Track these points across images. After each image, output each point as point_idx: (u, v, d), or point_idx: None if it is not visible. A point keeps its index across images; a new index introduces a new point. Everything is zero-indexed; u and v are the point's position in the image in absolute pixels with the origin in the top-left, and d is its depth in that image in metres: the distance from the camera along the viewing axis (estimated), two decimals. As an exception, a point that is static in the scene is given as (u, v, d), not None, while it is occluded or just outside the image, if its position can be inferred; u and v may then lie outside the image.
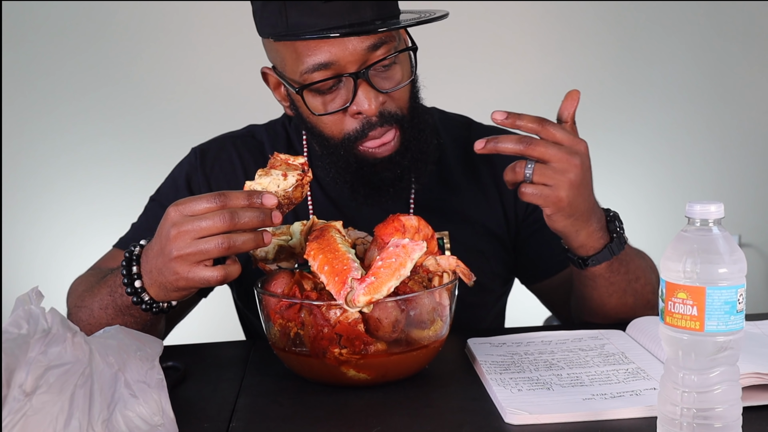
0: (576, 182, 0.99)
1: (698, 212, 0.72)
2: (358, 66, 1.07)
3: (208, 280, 0.92)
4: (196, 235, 0.90)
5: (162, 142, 2.51)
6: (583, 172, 1.00)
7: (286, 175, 0.92)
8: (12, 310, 0.74)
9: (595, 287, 1.13)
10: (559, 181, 0.99)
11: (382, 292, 0.86)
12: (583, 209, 1.03)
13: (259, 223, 0.90)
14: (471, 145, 1.30)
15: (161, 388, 0.79)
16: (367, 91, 1.08)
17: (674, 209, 2.62)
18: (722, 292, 0.70)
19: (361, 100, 1.08)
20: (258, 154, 1.29)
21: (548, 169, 0.99)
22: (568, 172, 0.99)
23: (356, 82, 1.08)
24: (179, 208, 0.91)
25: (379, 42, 1.08)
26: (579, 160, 0.99)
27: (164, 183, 1.32)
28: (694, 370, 0.72)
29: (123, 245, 1.26)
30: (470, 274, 0.98)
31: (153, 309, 0.99)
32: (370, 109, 1.08)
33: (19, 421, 0.68)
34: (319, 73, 1.07)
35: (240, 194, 0.90)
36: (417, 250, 0.90)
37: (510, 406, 0.85)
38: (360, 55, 1.07)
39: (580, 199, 1.01)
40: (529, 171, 1.00)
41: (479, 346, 1.06)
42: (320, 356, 0.91)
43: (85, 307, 1.07)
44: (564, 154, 0.99)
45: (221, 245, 0.89)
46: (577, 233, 1.06)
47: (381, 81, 1.10)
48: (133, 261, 0.98)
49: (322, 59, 1.06)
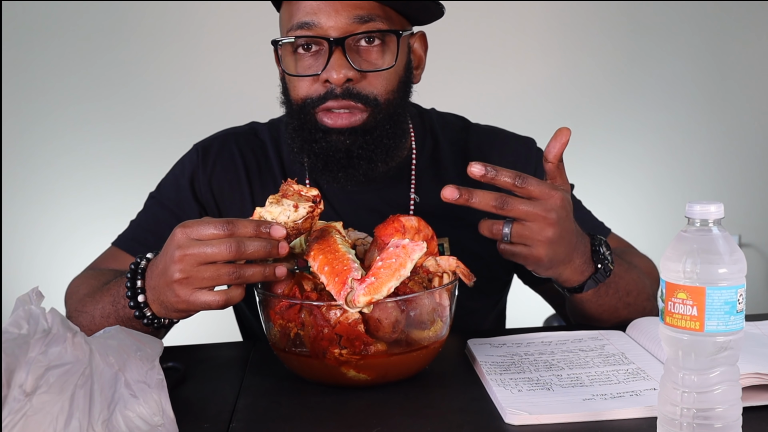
0: (554, 239, 0.98)
1: (698, 212, 0.72)
2: (339, 34, 1.09)
3: (209, 304, 0.92)
4: (200, 260, 0.89)
5: (162, 143, 2.51)
6: (560, 225, 0.98)
7: (297, 206, 0.91)
8: (12, 310, 0.74)
9: (585, 308, 1.13)
10: (537, 240, 0.98)
11: (382, 293, 0.86)
12: (563, 256, 1.02)
13: (265, 254, 0.89)
14: (469, 147, 1.30)
15: (161, 389, 0.79)
16: (340, 59, 1.08)
17: (674, 209, 2.63)
18: (722, 292, 0.70)
19: (331, 68, 1.09)
20: (260, 153, 1.28)
21: (525, 229, 0.98)
22: (545, 231, 0.98)
23: (332, 49, 1.08)
24: (186, 230, 0.90)
25: (367, 16, 1.09)
26: (555, 216, 0.97)
27: (165, 180, 1.30)
28: (694, 370, 0.72)
29: (121, 243, 1.25)
30: (470, 274, 0.98)
31: (154, 324, 0.99)
32: (336, 78, 1.08)
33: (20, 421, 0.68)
34: (301, 31, 1.10)
35: (249, 223, 0.89)
36: (417, 250, 0.90)
37: (510, 407, 0.85)
38: (345, 24, 1.08)
39: (560, 250, 1.00)
40: (507, 230, 0.98)
41: (479, 346, 1.06)
42: (320, 357, 0.91)
43: (86, 312, 1.07)
44: (540, 211, 0.97)
45: (231, 275, 0.89)
46: (560, 274, 1.05)
47: (359, 59, 1.11)
48: (138, 274, 0.98)
49: (308, 18, 1.09)
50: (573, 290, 1.09)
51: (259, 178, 1.27)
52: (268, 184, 1.26)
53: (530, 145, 1.34)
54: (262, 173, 1.27)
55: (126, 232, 1.27)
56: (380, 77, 1.12)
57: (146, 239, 1.22)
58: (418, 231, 0.98)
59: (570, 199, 1.01)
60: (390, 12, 1.12)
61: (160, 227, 1.22)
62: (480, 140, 1.32)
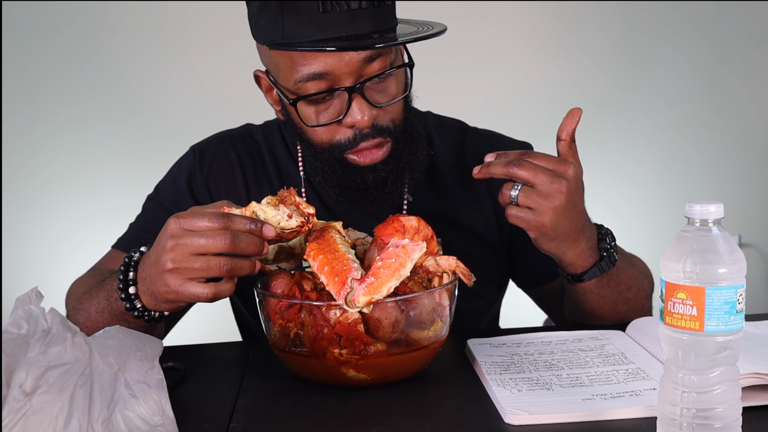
0: (560, 208, 0.99)
1: (698, 212, 0.72)
2: (354, 79, 1.06)
3: (198, 296, 0.92)
4: (193, 250, 0.89)
5: (161, 143, 2.50)
6: (568, 196, 0.99)
7: (291, 216, 0.92)
8: (12, 310, 0.74)
9: (586, 300, 1.13)
10: (543, 206, 0.99)
11: (381, 293, 0.86)
12: (568, 232, 1.02)
13: (256, 251, 0.90)
14: (465, 151, 1.31)
15: (161, 388, 0.79)
16: (362, 104, 1.07)
17: (674, 209, 2.62)
18: (722, 292, 0.70)
19: (355, 113, 1.07)
20: (255, 155, 1.29)
21: (533, 192, 0.99)
22: (552, 198, 0.99)
23: (351, 95, 1.07)
24: (180, 221, 0.91)
25: (375, 55, 1.06)
26: (565, 185, 0.98)
27: (162, 182, 1.31)
28: (694, 370, 0.72)
29: (121, 246, 1.26)
30: (470, 274, 0.98)
31: (144, 317, 0.99)
32: (363, 122, 1.08)
33: (19, 421, 0.68)
34: (314, 83, 1.06)
35: (243, 219, 0.90)
36: (417, 250, 0.90)
37: (510, 407, 0.85)
38: (355, 68, 1.06)
39: (566, 222, 1.01)
40: (515, 193, 1.00)
41: (479, 346, 1.06)
42: (320, 357, 0.91)
43: (83, 309, 1.07)
44: (549, 177, 0.98)
45: (223, 267, 0.90)
46: (564, 254, 1.06)
47: (375, 94, 1.09)
48: (131, 267, 0.99)
49: (317, 69, 1.05)
50: (576, 278, 1.09)
51: (255, 178, 1.28)
52: (263, 184, 1.27)
53: (527, 148, 1.34)
54: (258, 174, 1.28)
55: (126, 234, 1.28)
56: (396, 105, 1.13)
57: (146, 240, 1.22)
58: (418, 231, 0.98)
59: (581, 177, 1.01)
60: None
61: (159, 228, 1.22)
62: (477, 144, 1.32)
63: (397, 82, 1.13)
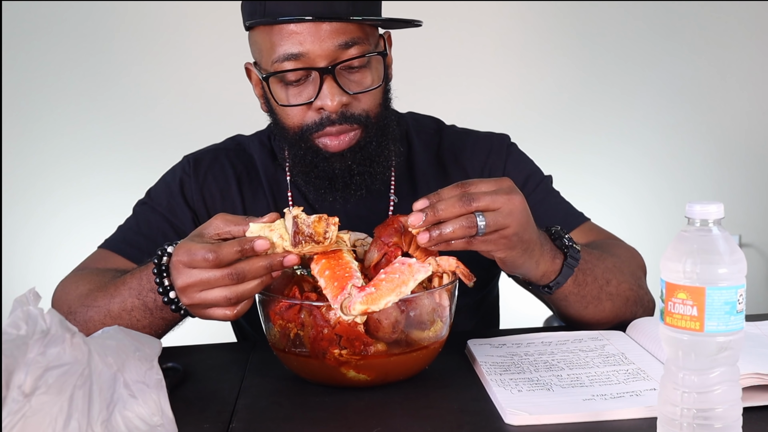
0: (525, 218, 0.95)
1: (698, 212, 0.72)
2: (328, 62, 1.10)
3: (221, 318, 0.95)
4: (202, 287, 0.92)
5: (157, 146, 2.51)
6: (524, 205, 0.96)
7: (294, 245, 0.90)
8: (10, 311, 0.74)
9: (568, 305, 1.11)
10: (510, 222, 0.93)
11: (379, 305, 0.86)
12: (534, 239, 0.99)
13: (265, 271, 0.91)
14: (442, 150, 1.33)
15: (160, 389, 0.79)
16: (332, 87, 1.10)
17: (674, 210, 2.63)
18: (722, 293, 0.70)
19: (325, 96, 1.11)
20: (250, 166, 1.31)
21: (497, 215, 0.92)
22: (515, 213, 0.94)
23: (323, 77, 1.10)
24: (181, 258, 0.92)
25: (351, 41, 1.10)
26: (519, 196, 0.95)
27: (155, 187, 1.32)
28: (694, 370, 0.72)
29: (110, 246, 1.26)
30: (470, 275, 0.98)
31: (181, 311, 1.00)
32: (331, 106, 1.11)
33: (19, 422, 0.68)
34: (289, 62, 1.11)
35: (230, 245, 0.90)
36: (422, 271, 0.90)
37: (510, 407, 0.85)
38: (331, 51, 1.09)
39: (530, 230, 0.98)
40: (482, 222, 0.92)
41: (479, 347, 1.06)
42: (320, 357, 0.91)
43: (99, 306, 1.07)
44: (504, 196, 0.93)
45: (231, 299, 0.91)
46: (536, 264, 1.02)
47: (349, 82, 1.13)
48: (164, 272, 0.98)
49: (293, 50, 1.10)
50: (554, 285, 1.07)
51: (250, 188, 1.30)
52: (258, 194, 1.29)
53: (502, 140, 1.35)
54: (252, 184, 1.30)
55: (115, 235, 1.28)
56: (369, 95, 1.15)
57: (138, 242, 1.24)
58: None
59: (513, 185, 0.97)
60: (368, 29, 1.14)
61: (152, 230, 1.25)
62: (452, 142, 1.34)
63: (373, 74, 1.15)
